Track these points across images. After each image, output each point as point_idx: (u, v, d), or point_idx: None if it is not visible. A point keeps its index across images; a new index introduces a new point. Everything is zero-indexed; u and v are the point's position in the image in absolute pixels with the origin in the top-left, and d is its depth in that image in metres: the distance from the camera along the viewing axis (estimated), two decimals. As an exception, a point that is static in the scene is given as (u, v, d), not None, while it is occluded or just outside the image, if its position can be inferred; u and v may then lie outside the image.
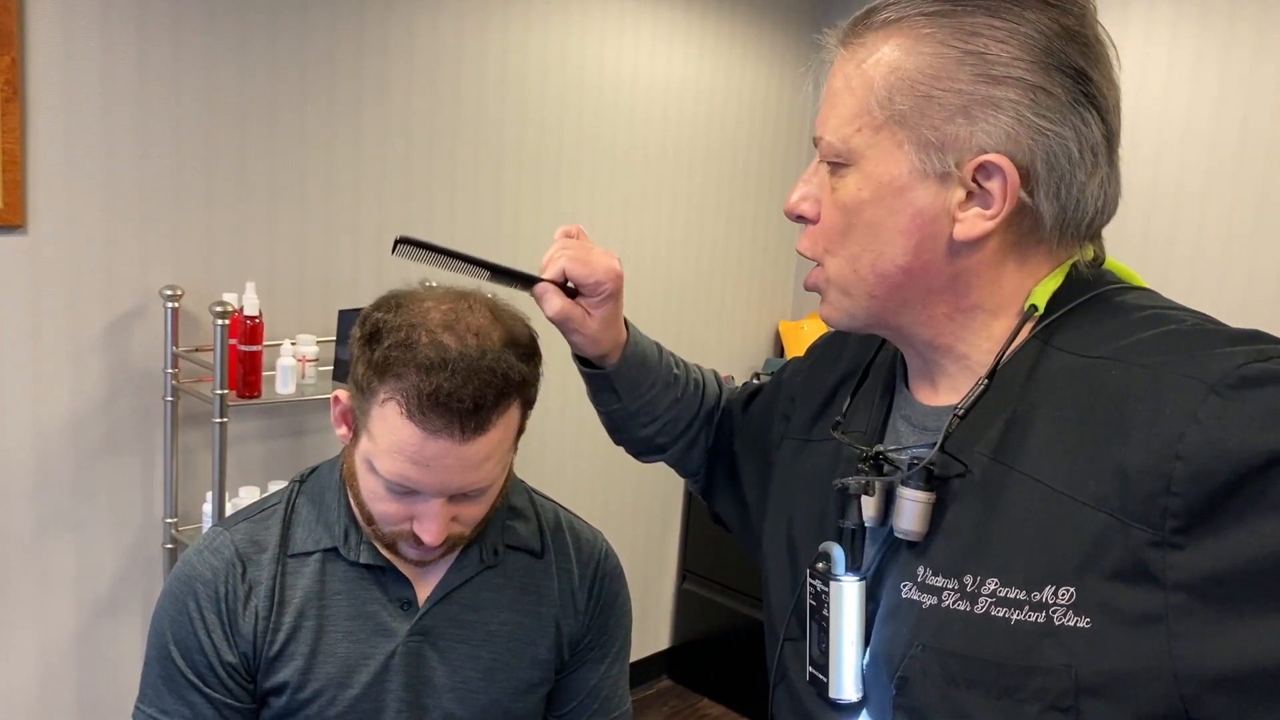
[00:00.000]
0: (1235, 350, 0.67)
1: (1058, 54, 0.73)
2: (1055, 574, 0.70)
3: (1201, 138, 2.86)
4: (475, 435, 1.01)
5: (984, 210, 0.76)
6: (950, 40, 0.74)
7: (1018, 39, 0.73)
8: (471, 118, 2.74)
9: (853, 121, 0.78)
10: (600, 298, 1.04)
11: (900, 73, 0.76)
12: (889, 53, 0.76)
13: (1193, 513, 0.64)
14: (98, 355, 2.19)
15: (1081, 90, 0.74)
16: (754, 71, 3.45)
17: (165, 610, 1.14)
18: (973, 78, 0.74)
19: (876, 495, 0.82)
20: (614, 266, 1.04)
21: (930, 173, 0.76)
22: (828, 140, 0.80)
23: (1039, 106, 0.73)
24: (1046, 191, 0.75)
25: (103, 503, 2.26)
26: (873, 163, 0.78)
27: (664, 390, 1.12)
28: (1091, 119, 0.75)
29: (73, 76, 2.07)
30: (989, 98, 0.73)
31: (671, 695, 3.58)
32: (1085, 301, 0.78)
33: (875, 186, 0.78)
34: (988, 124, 0.74)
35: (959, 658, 0.73)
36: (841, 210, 0.80)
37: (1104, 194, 0.78)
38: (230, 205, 2.33)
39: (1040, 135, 0.74)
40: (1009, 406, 0.76)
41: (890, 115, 0.76)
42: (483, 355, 1.01)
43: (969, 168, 0.75)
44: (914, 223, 0.77)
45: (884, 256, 0.79)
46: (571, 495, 3.16)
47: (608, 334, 1.06)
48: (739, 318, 3.65)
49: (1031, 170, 0.75)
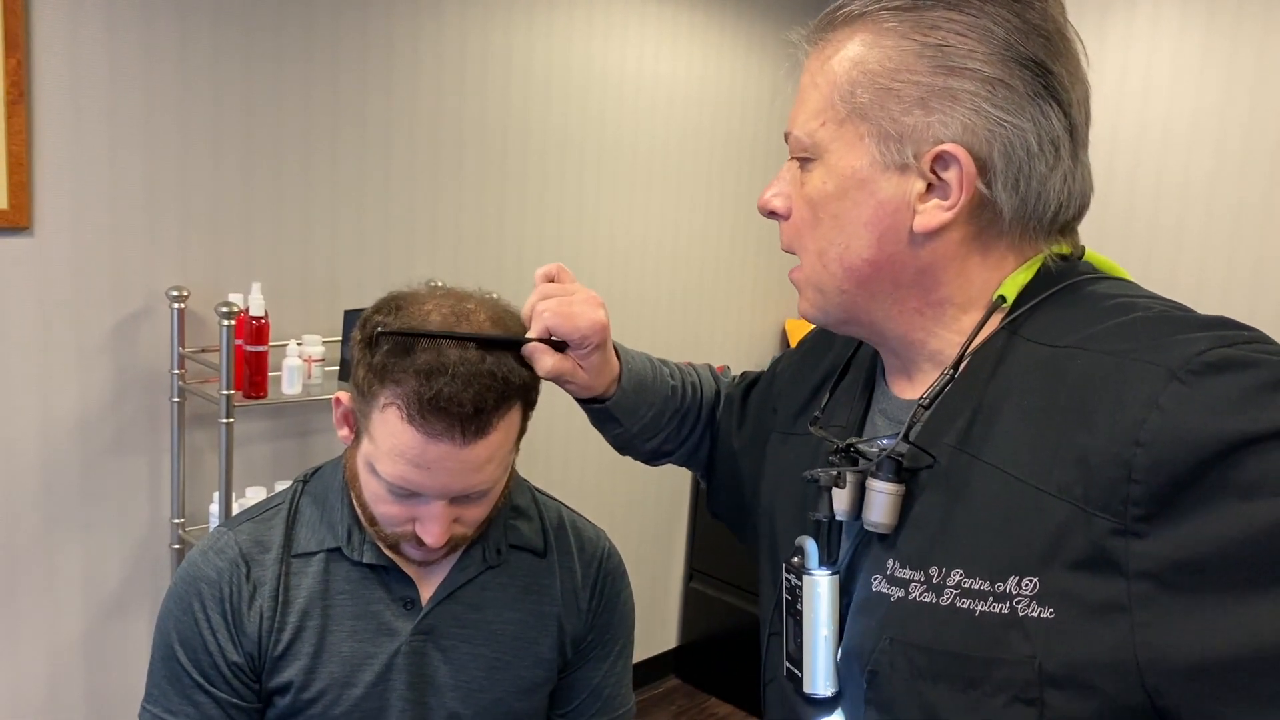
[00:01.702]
0: (1198, 336, 0.67)
1: (1017, 47, 0.74)
2: (1019, 565, 0.69)
3: (1207, 132, 2.85)
4: (476, 439, 1.01)
5: (942, 201, 0.76)
6: (911, 34, 0.75)
7: (977, 32, 0.74)
8: (477, 117, 2.74)
9: (818, 116, 0.80)
10: (586, 350, 1.03)
11: (862, 66, 0.77)
12: (853, 48, 0.78)
13: (1154, 500, 0.64)
14: (104, 356, 2.20)
15: (1042, 83, 0.75)
16: (760, 68, 3.45)
17: (170, 611, 1.14)
18: (931, 69, 0.75)
19: (848, 488, 0.81)
20: (598, 319, 1.03)
21: (890, 164, 0.77)
22: (795, 135, 0.82)
23: (996, 98, 0.74)
24: (1004, 183, 0.75)
25: (110, 503, 2.27)
26: (836, 156, 0.79)
27: (663, 405, 1.12)
28: (1052, 112, 0.75)
29: (79, 78, 2.07)
30: (946, 89, 0.74)
31: (679, 694, 3.58)
32: (1055, 292, 0.78)
33: (839, 179, 0.79)
34: (945, 115, 0.75)
35: (925, 650, 0.73)
36: (809, 204, 0.82)
37: (1067, 188, 0.78)
38: (236, 206, 2.33)
39: (998, 126, 0.74)
40: (976, 397, 0.76)
41: (852, 109, 0.77)
42: (483, 359, 1.00)
43: (926, 159, 0.75)
44: (876, 214, 0.78)
45: (850, 250, 0.80)
46: (578, 494, 3.16)
47: (600, 378, 1.06)
48: (746, 316, 3.64)
49: (989, 161, 0.75)
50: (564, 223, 3.01)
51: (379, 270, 2.61)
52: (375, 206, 2.58)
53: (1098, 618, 0.66)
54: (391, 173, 2.59)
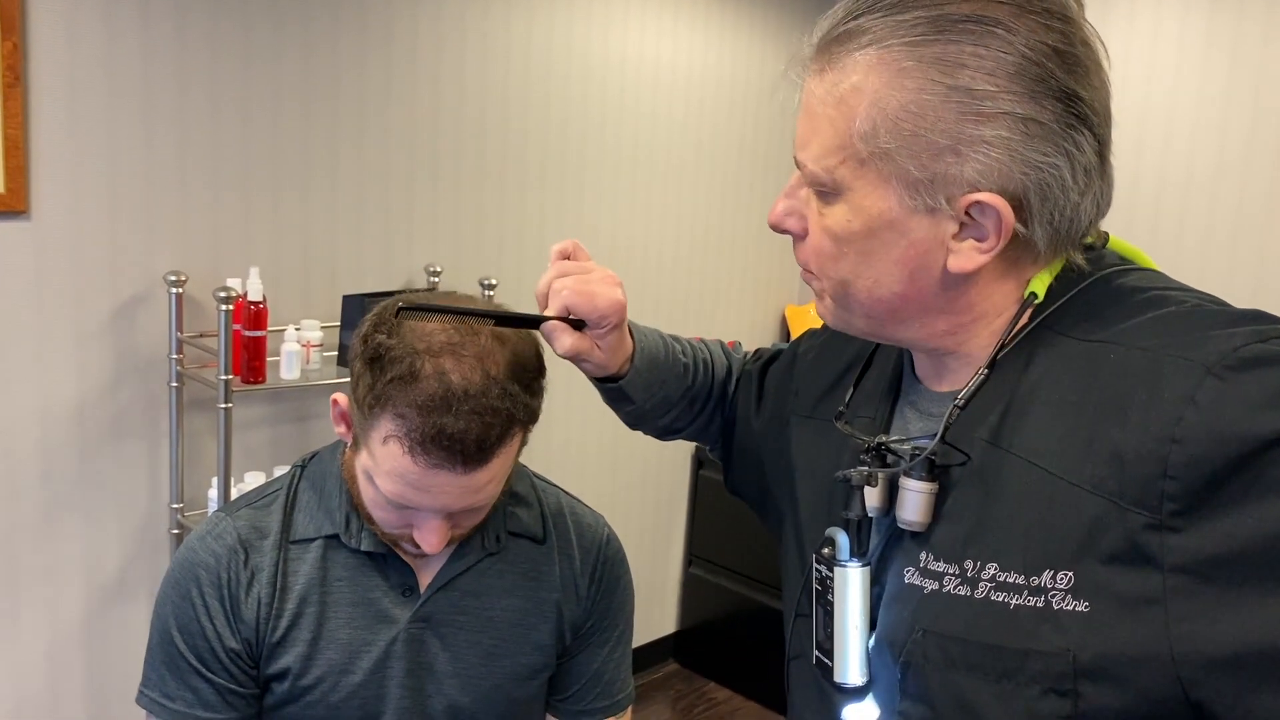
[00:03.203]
0: (1234, 332, 0.67)
1: (1047, 80, 0.71)
2: (1053, 558, 0.70)
3: (1212, 121, 2.84)
4: (478, 467, 1.00)
5: (979, 243, 0.74)
6: (933, 75, 0.71)
7: (1004, 68, 0.70)
8: (477, 101, 2.72)
9: (836, 153, 0.76)
10: (605, 330, 1.00)
11: (882, 108, 0.73)
12: (869, 83, 0.73)
13: (1190, 496, 0.64)
14: (102, 341, 2.19)
15: (1074, 113, 0.72)
16: (762, 55, 3.43)
17: (168, 596, 1.14)
18: (959, 116, 0.71)
19: (880, 485, 0.82)
20: (616, 298, 0.99)
21: (920, 208, 0.74)
22: (811, 169, 0.78)
23: (1030, 138, 0.71)
24: (1040, 220, 0.74)
25: (109, 488, 2.27)
26: (861, 195, 0.76)
27: (676, 383, 1.11)
28: (1085, 140, 0.72)
29: (75, 61, 2.06)
30: (978, 136, 0.71)
31: (678, 679, 3.59)
32: (1087, 286, 0.78)
33: (866, 219, 0.76)
34: (978, 162, 0.71)
35: (959, 642, 0.74)
36: (832, 237, 0.79)
37: (1096, 206, 0.76)
38: (234, 190, 2.32)
39: (1033, 170, 0.71)
40: (1008, 392, 0.76)
41: (874, 151, 0.74)
42: (486, 391, 0.98)
43: (960, 203, 0.73)
44: (908, 253, 0.76)
45: (879, 284, 0.78)
46: (578, 481, 3.16)
47: (616, 357, 1.04)
48: (746, 302, 3.64)
49: (1025, 201, 0.73)
50: (565, 206, 3.00)
51: (378, 256, 2.60)
52: (375, 192, 2.57)
53: (1132, 611, 0.66)
54: (391, 157, 2.58)
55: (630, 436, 3.35)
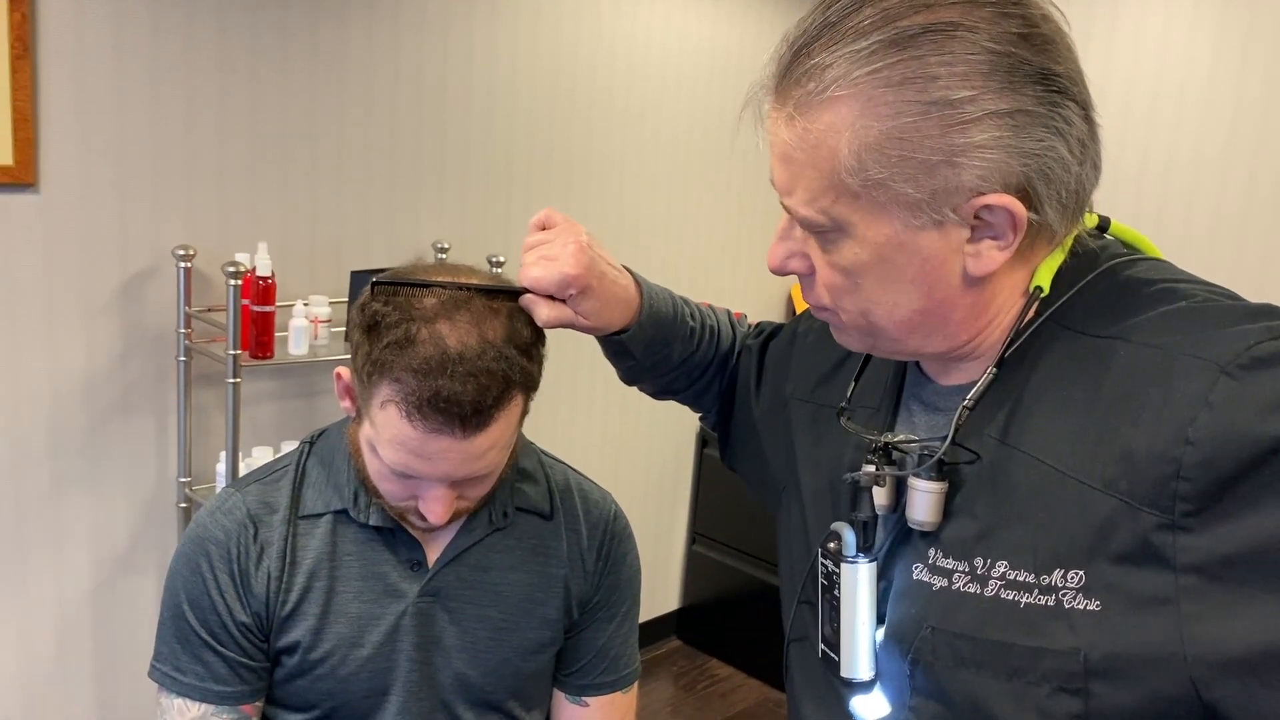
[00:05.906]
0: (1247, 329, 0.66)
1: (1020, 67, 0.69)
2: (1063, 557, 0.70)
3: (1219, 106, 2.82)
4: (477, 432, 1.00)
5: (996, 241, 0.73)
6: (907, 95, 0.69)
7: (976, 69, 0.68)
8: (484, 77, 2.71)
9: (825, 194, 0.73)
10: (574, 299, 1.00)
11: (864, 140, 0.70)
12: (843, 118, 0.71)
13: (1204, 497, 0.64)
14: (111, 315, 2.20)
15: (1054, 90, 0.70)
16: (770, 43, 3.41)
17: (179, 571, 1.15)
18: (944, 128, 0.69)
19: (887, 484, 0.82)
20: (565, 273, 0.97)
21: (926, 224, 0.72)
22: (803, 214, 0.76)
23: (1020, 129, 0.69)
24: (1049, 202, 0.72)
25: (117, 462, 2.28)
26: (863, 227, 0.74)
27: (681, 345, 1.11)
28: (1071, 112, 0.71)
29: (84, 33, 2.05)
30: (968, 143, 0.69)
31: (680, 655, 3.61)
32: (1094, 278, 0.77)
33: (874, 248, 0.74)
34: (975, 168, 0.70)
35: (969, 639, 0.74)
36: (842, 272, 0.77)
37: (1095, 168, 0.75)
38: (243, 165, 2.32)
39: (1030, 158, 0.70)
40: (1017, 388, 0.76)
41: (866, 182, 0.71)
42: (482, 353, 0.98)
43: (966, 210, 0.71)
44: (923, 270, 0.74)
45: (899, 306, 0.76)
46: (583, 458, 3.16)
47: (608, 316, 1.03)
48: (752, 282, 3.63)
49: (1030, 189, 0.71)
50: (572, 183, 2.99)
51: (386, 231, 2.59)
52: (383, 168, 2.56)
53: (1144, 610, 0.66)
54: (399, 133, 2.58)
55: (635, 415, 3.35)
